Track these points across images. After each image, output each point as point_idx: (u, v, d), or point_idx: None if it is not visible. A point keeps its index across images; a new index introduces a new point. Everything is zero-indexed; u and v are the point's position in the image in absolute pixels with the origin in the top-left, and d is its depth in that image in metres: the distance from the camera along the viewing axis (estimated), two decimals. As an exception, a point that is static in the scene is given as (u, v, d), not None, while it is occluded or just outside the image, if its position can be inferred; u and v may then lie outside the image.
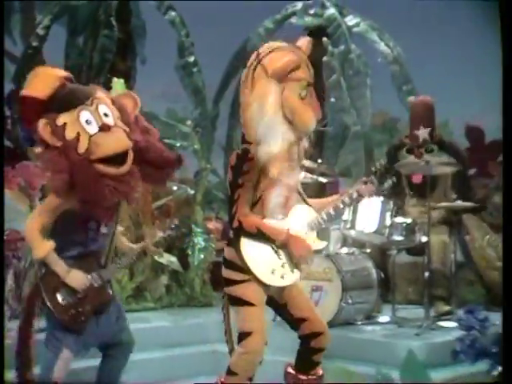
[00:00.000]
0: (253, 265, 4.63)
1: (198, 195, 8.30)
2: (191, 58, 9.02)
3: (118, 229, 5.06)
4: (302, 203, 4.85)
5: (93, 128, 4.61)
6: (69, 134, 4.59)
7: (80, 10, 8.91)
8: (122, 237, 5.28)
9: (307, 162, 6.59)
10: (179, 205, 8.44)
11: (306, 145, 4.77)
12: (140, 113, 5.14)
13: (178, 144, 8.36)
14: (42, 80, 4.77)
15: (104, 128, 4.60)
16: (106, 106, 4.69)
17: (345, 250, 7.05)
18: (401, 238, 6.70)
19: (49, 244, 4.68)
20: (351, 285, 6.68)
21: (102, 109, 4.65)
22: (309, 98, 4.71)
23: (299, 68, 4.67)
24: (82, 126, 4.60)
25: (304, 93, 4.69)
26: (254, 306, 4.73)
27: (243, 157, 4.61)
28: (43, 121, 4.64)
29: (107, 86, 7.87)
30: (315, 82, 4.86)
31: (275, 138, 4.52)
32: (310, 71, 4.75)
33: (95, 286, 4.82)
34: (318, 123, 4.75)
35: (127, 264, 5.46)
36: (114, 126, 4.67)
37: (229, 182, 4.68)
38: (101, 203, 4.73)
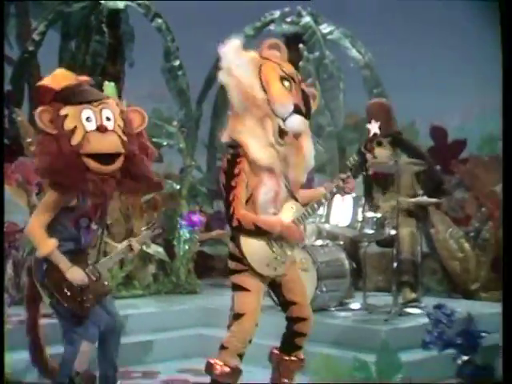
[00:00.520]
0: (251, 259, 4.81)
1: (183, 190, 8.36)
2: (176, 62, 9.03)
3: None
4: (290, 198, 4.96)
5: (91, 126, 4.63)
6: (67, 124, 4.62)
7: (73, 17, 8.89)
8: (108, 239, 5.33)
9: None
10: (166, 199, 8.47)
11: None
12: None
13: (164, 143, 8.40)
14: (61, 75, 4.87)
15: (101, 128, 4.63)
16: (111, 111, 4.70)
17: (319, 242, 7.15)
18: (371, 232, 6.79)
19: (52, 242, 4.74)
20: (325, 274, 6.81)
21: (106, 113, 4.68)
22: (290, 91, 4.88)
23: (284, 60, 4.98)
24: (81, 121, 4.63)
25: (287, 83, 4.87)
26: (249, 291, 4.93)
27: (233, 161, 4.78)
28: (41, 108, 4.69)
29: (98, 88, 7.99)
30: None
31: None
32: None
33: (93, 279, 4.89)
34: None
35: (116, 261, 5.61)
36: (112, 130, 4.68)
37: (222, 185, 4.80)
38: (83, 195, 4.80)
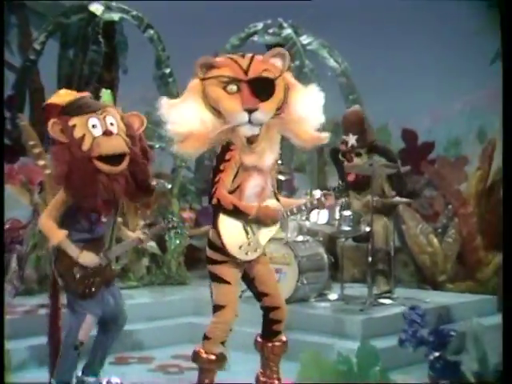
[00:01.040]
0: (226, 239, 4.80)
1: (174, 189, 8.43)
2: (167, 70, 9.02)
3: (118, 219, 5.22)
4: (273, 197, 5.00)
5: (97, 131, 4.76)
6: (76, 133, 4.75)
7: (71, 28, 8.92)
8: (123, 227, 5.39)
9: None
10: (158, 197, 8.46)
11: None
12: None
13: (157, 145, 8.45)
14: (64, 93, 5.04)
15: (107, 133, 4.75)
16: (113, 118, 4.82)
17: (300, 238, 7.17)
18: (348, 228, 6.84)
19: (62, 232, 4.84)
20: (306, 268, 6.87)
21: (109, 119, 4.80)
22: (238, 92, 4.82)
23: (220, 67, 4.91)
24: (88, 128, 4.75)
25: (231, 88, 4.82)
26: (229, 284, 4.95)
27: (227, 147, 4.81)
28: (52, 120, 4.82)
29: (95, 94, 8.03)
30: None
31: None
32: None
33: (102, 264, 4.99)
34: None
35: (126, 248, 5.73)
36: (117, 134, 4.80)
37: (212, 167, 4.86)
38: (94, 195, 4.83)
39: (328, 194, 5.11)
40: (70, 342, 5.02)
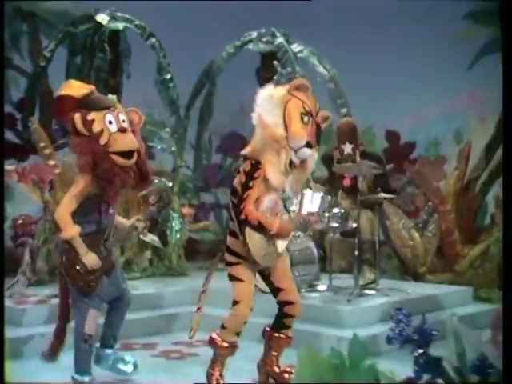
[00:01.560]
0: (252, 248, 4.87)
1: (175, 187, 8.41)
2: (168, 76, 9.01)
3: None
4: (284, 211, 5.12)
5: (113, 128, 4.84)
6: (95, 128, 4.80)
7: (79, 36, 8.95)
8: (118, 216, 5.43)
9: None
10: (159, 194, 8.58)
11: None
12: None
13: (159, 147, 8.50)
14: (77, 85, 5.04)
15: (122, 130, 4.85)
16: (123, 114, 4.92)
17: (292, 233, 7.24)
18: (336, 225, 6.84)
19: (75, 228, 4.90)
20: (297, 261, 6.91)
21: (121, 116, 4.90)
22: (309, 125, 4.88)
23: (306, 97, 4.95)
24: (106, 124, 4.81)
25: (306, 118, 4.86)
26: (243, 282, 5.06)
27: (256, 165, 4.85)
28: (78, 113, 4.84)
29: None
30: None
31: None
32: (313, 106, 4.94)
33: (102, 256, 5.04)
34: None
35: (123, 237, 5.69)
36: (130, 130, 4.93)
37: (240, 183, 4.86)
38: (113, 185, 4.97)
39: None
40: (79, 337, 5.08)
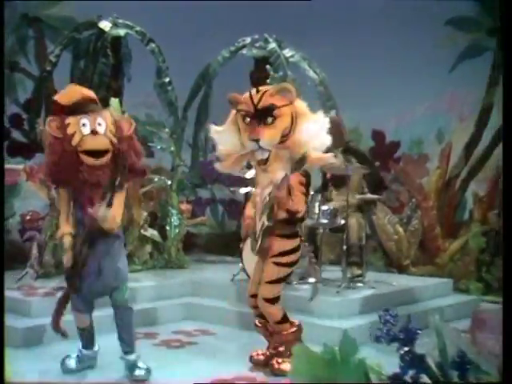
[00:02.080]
0: None
1: (174, 184, 8.43)
2: (167, 79, 9.03)
3: None
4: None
5: (86, 130, 4.91)
6: (69, 130, 4.90)
7: (82, 42, 8.98)
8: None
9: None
10: (159, 191, 8.61)
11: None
12: (131, 117, 5.43)
13: (158, 147, 8.51)
14: (69, 93, 5.10)
15: (93, 132, 4.91)
16: (102, 120, 4.96)
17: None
18: (326, 221, 6.82)
19: (64, 228, 5.07)
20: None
21: (98, 120, 4.94)
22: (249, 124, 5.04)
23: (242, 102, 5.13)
24: (79, 127, 4.89)
25: (246, 120, 5.05)
26: None
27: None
28: (49, 118, 5.03)
29: (105, 101, 8.09)
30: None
31: None
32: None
33: (82, 257, 5.06)
34: None
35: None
36: (103, 134, 4.94)
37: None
38: (74, 181, 4.99)
39: None
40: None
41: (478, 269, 8.34)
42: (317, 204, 6.84)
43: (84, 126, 4.91)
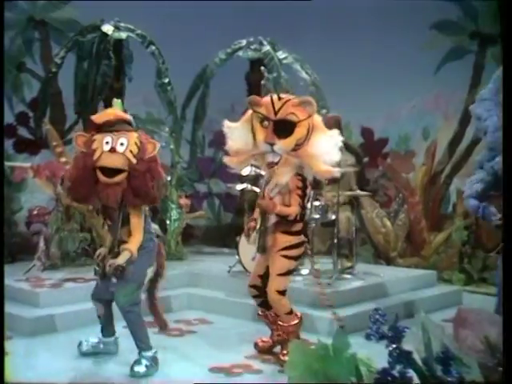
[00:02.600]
0: None
1: (173, 180, 8.45)
2: (166, 80, 9.01)
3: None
4: None
5: (107, 148, 4.92)
6: (94, 145, 4.97)
7: (86, 45, 8.97)
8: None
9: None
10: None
11: None
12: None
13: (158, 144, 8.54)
14: (105, 113, 5.21)
15: (111, 150, 4.91)
16: (126, 140, 4.94)
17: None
18: (318, 216, 6.87)
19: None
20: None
21: (121, 140, 4.94)
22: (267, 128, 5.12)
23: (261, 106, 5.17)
24: (102, 144, 4.94)
25: (264, 123, 5.13)
26: None
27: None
28: (77, 134, 5.16)
29: (108, 101, 8.08)
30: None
31: None
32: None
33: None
34: None
35: None
36: (121, 153, 4.91)
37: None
38: (89, 196, 5.12)
39: None
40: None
41: (461, 260, 8.42)
42: (309, 200, 6.86)
43: (107, 143, 4.94)
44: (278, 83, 8.87)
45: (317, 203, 6.94)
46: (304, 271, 7.16)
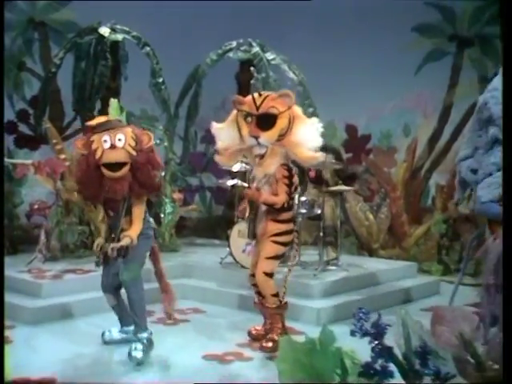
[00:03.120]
0: None
1: (167, 176, 8.44)
2: (160, 79, 9.06)
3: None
4: None
5: (107, 145, 4.96)
6: (93, 146, 4.99)
7: (84, 46, 9.02)
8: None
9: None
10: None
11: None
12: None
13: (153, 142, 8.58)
14: (98, 118, 5.26)
15: (111, 147, 4.95)
16: (123, 135, 4.98)
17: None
18: (304, 211, 6.92)
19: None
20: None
21: (118, 136, 4.97)
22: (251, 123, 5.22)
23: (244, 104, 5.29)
24: (101, 143, 4.97)
25: (248, 119, 5.24)
26: None
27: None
28: (77, 139, 5.23)
29: (105, 100, 8.14)
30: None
31: None
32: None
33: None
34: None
35: None
36: (121, 148, 4.95)
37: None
38: (99, 194, 5.11)
39: None
40: None
41: (439, 252, 8.52)
42: (296, 196, 6.87)
43: (105, 142, 4.96)
44: (267, 83, 8.92)
45: (303, 198, 7.00)
46: (291, 262, 7.14)
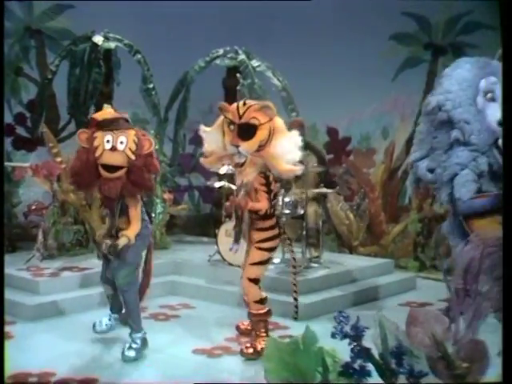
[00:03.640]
0: None
1: (158, 177, 8.17)
2: (151, 85, 9.10)
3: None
4: None
5: (108, 146, 4.93)
6: (95, 143, 4.96)
7: (78, 53, 9.03)
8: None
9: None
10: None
11: None
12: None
13: (144, 144, 8.60)
14: (105, 112, 5.21)
15: (112, 148, 4.93)
16: (125, 138, 4.95)
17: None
18: (288, 211, 6.92)
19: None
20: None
21: (121, 138, 4.94)
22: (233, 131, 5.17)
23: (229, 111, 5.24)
24: (103, 142, 4.95)
25: (231, 127, 5.19)
26: None
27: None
28: (80, 130, 5.17)
29: (98, 106, 8.19)
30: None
31: None
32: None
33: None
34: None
35: None
36: (121, 151, 4.93)
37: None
38: (90, 188, 5.22)
39: None
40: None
41: (415, 249, 8.60)
42: (280, 197, 6.88)
43: (107, 142, 4.93)
44: (252, 89, 8.97)
45: (287, 199, 7.01)
46: (276, 260, 7.11)
